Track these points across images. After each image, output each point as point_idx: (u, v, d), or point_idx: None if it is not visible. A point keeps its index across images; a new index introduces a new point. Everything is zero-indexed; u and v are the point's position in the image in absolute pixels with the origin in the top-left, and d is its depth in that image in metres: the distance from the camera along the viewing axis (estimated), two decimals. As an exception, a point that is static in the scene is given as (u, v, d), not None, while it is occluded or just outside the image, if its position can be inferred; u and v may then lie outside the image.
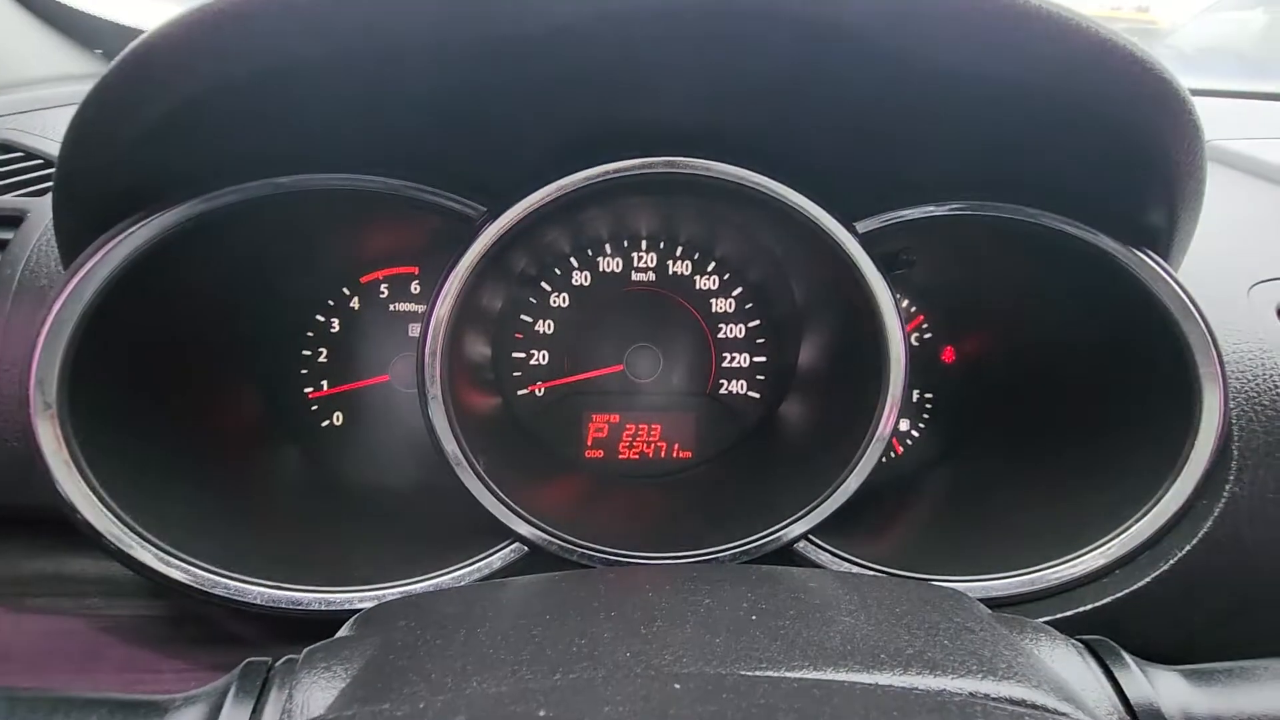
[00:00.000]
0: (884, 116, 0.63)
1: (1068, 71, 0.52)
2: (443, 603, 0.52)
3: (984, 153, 0.66)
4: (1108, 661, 0.46)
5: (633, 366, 0.93)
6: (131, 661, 0.68)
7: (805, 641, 0.41)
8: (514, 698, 0.32)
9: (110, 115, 0.51)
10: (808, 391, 0.91)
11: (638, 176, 0.66)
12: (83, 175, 0.55)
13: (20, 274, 0.70)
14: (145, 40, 0.47)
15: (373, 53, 0.52)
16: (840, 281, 0.72)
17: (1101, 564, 0.66)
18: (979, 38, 0.51)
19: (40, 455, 0.57)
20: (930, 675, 0.39)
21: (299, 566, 0.66)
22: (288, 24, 0.45)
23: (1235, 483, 0.65)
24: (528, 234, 0.69)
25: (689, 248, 0.93)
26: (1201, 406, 0.65)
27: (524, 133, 0.68)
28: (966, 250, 0.81)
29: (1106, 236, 0.67)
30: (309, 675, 0.42)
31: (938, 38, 0.52)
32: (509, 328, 0.91)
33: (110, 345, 0.62)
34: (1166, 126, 0.56)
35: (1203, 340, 0.65)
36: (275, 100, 0.55)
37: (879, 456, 0.71)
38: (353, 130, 0.62)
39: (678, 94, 0.64)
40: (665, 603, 0.46)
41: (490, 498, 0.67)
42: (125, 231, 0.58)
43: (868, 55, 0.54)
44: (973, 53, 0.52)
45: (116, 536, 0.59)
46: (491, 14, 0.50)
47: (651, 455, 0.93)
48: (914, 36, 0.52)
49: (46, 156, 0.85)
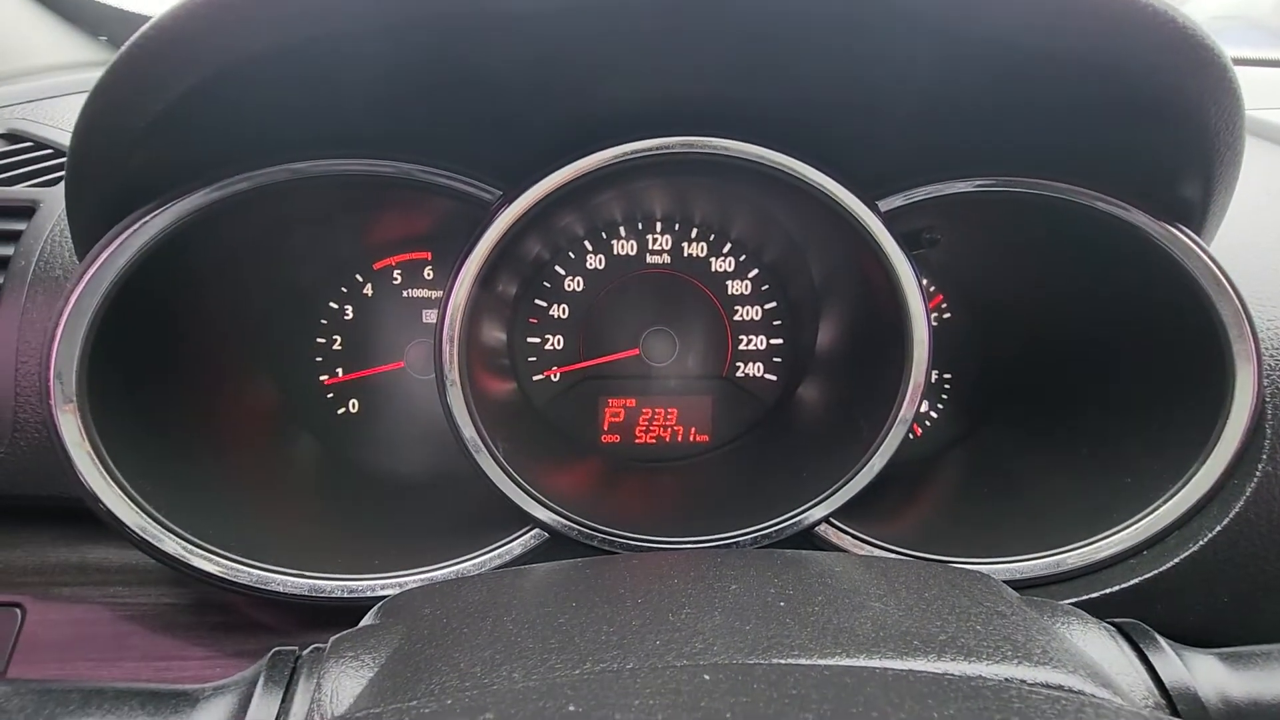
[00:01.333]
0: (909, 91, 0.61)
1: (1105, 38, 0.50)
2: (467, 590, 0.51)
3: (1013, 127, 0.64)
4: (1141, 645, 0.45)
5: (649, 350, 0.92)
6: (156, 649, 0.68)
7: (836, 628, 0.41)
8: (541, 693, 0.32)
9: (122, 103, 0.50)
10: (826, 374, 0.89)
11: (655, 157, 0.64)
12: (95, 164, 0.55)
13: (34, 265, 0.70)
14: (155, 25, 0.46)
15: (383, 32, 0.50)
16: (861, 262, 0.71)
17: (1130, 545, 0.65)
18: (1015, 5, 0.49)
19: (62, 446, 0.57)
20: (965, 661, 0.39)
21: (319, 554, 0.66)
22: (296, 4, 0.44)
23: (1269, 462, 0.64)
24: (542, 217, 0.68)
25: (704, 229, 0.91)
26: (1234, 384, 0.64)
27: (536, 114, 0.66)
28: (990, 227, 0.79)
29: (1138, 210, 0.65)
30: (337, 664, 0.42)
31: (972, 7, 0.50)
32: (524, 312, 0.90)
33: (127, 335, 0.61)
34: (1206, 94, 0.54)
35: (1236, 316, 0.63)
36: (285, 85, 0.54)
37: (900, 440, 0.70)
38: (364, 114, 0.61)
39: (693, 72, 0.62)
40: (692, 589, 0.46)
41: (510, 484, 0.67)
42: (140, 220, 0.57)
43: (896, 27, 0.52)
44: (1007, 21, 0.50)
45: (140, 526, 0.59)
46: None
47: (669, 439, 0.93)
48: (949, 6, 0.50)
49: (56, 146, 0.84)
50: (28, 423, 0.68)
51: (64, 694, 0.37)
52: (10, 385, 0.67)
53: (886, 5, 0.49)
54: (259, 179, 0.60)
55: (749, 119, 0.65)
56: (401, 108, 0.61)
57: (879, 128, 0.68)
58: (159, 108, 0.50)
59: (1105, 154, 0.64)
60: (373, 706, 0.36)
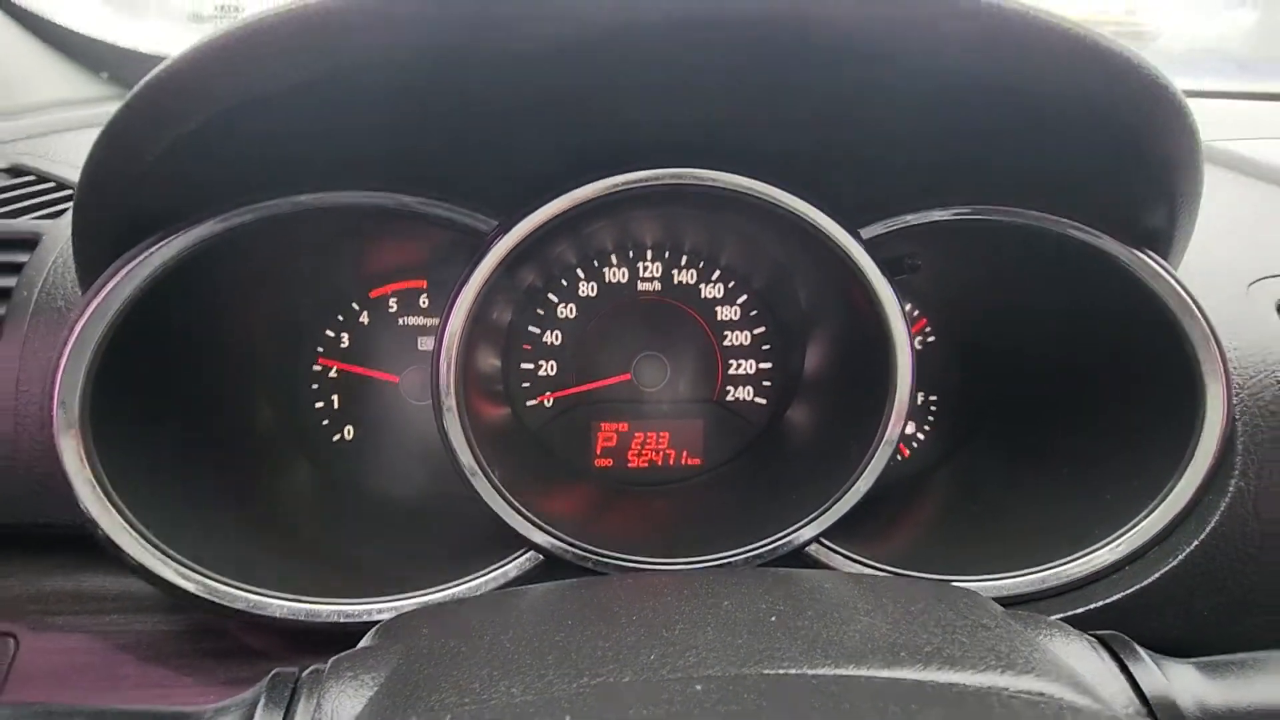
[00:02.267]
0: (885, 125, 0.65)
1: (1064, 78, 0.54)
2: (464, 611, 0.52)
3: (985, 158, 0.67)
4: (1122, 655, 0.47)
5: (640, 375, 0.94)
6: (150, 677, 0.68)
7: (825, 640, 0.42)
8: (539, 707, 0.33)
9: (133, 139, 0.52)
10: (814, 396, 0.91)
11: (646, 188, 0.67)
12: (104, 197, 0.57)
13: (36, 296, 0.71)
14: (170, 64, 0.48)
15: (386, 70, 0.53)
16: (846, 287, 0.73)
17: (1111, 560, 0.67)
18: (977, 47, 0.52)
19: (63, 473, 0.57)
20: (949, 670, 0.40)
21: (315, 579, 0.67)
22: (304, 45, 0.47)
23: (1241, 477, 0.66)
24: (537, 246, 0.70)
25: (694, 256, 0.94)
26: (1205, 402, 0.66)
27: (530, 147, 0.69)
28: (969, 253, 0.82)
29: (1107, 237, 0.68)
30: (336, 684, 0.43)
31: (936, 48, 0.53)
32: (518, 339, 0.92)
33: (128, 364, 0.62)
34: (1163, 129, 0.57)
35: (1204, 337, 0.66)
36: (290, 121, 0.56)
37: (887, 460, 0.72)
38: (365, 148, 0.63)
39: (681, 107, 0.65)
40: (685, 606, 0.47)
41: (506, 508, 0.68)
42: (146, 252, 0.59)
43: (868, 66, 0.56)
44: (972, 61, 0.54)
45: (138, 553, 0.60)
46: (497, 34, 0.51)
47: (660, 463, 0.94)
48: (912, 47, 0.54)
49: (59, 180, 0.86)
50: (26, 451, 0.68)
51: (68, 715, 0.37)
52: (10, 413, 0.68)
53: (864, 50, 0.52)
54: (263, 211, 0.62)
55: (736, 151, 0.68)
56: (400, 142, 0.64)
57: (860, 159, 0.71)
58: (168, 144, 0.52)
59: (1075, 184, 0.67)
60: None
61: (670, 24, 0.52)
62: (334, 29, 0.46)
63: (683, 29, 0.53)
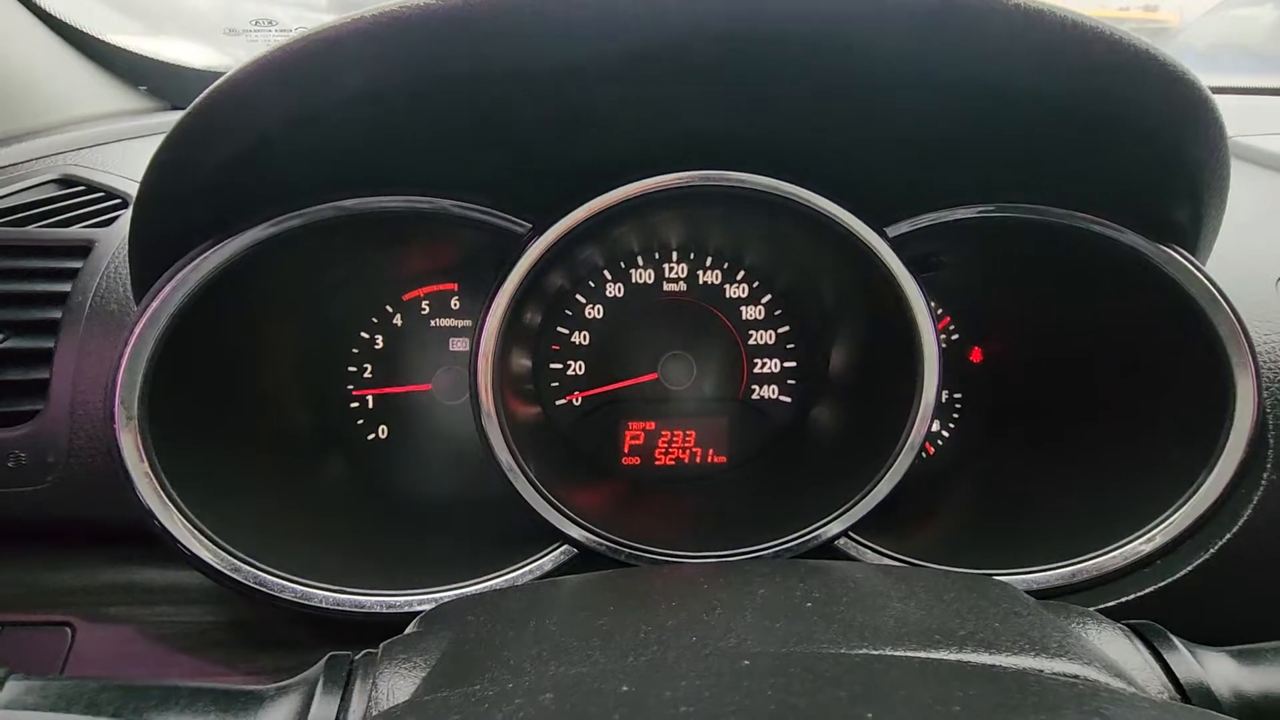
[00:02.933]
0: (911, 125, 0.66)
1: (1088, 77, 0.54)
2: (506, 599, 0.54)
3: (1011, 156, 0.68)
4: (1155, 643, 0.48)
5: (667, 374, 0.95)
6: (198, 665, 0.71)
7: (861, 625, 0.43)
8: (596, 676, 0.35)
9: (191, 151, 0.55)
10: (839, 395, 0.92)
11: (674, 190, 0.69)
12: (161, 206, 0.59)
13: (91, 300, 0.75)
14: (227, 80, 0.51)
15: (427, 86, 0.55)
16: (872, 286, 0.74)
17: (1143, 554, 0.67)
18: (1001, 46, 0.53)
19: (123, 467, 0.60)
20: (984, 652, 0.41)
21: (356, 573, 0.69)
22: (359, 58, 0.49)
23: (1273, 470, 0.66)
24: (567, 249, 0.72)
25: (718, 257, 0.95)
26: (1235, 395, 0.66)
27: (561, 152, 0.71)
28: (994, 251, 0.82)
29: (1132, 233, 0.69)
30: (390, 666, 0.45)
31: (961, 49, 0.54)
32: (547, 340, 0.94)
33: (181, 364, 0.65)
34: (1189, 125, 0.57)
35: (1233, 330, 0.66)
36: (337, 131, 0.59)
37: (913, 458, 0.72)
38: (406, 156, 0.65)
39: (710, 112, 0.67)
40: (723, 593, 0.48)
41: (543, 503, 0.70)
42: (200, 256, 0.62)
43: (894, 69, 0.57)
44: (996, 61, 0.55)
45: (192, 544, 0.62)
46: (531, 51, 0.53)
47: (687, 461, 0.95)
48: (938, 49, 0.55)
49: (108, 189, 0.89)
50: (82, 449, 0.71)
51: (144, 690, 0.40)
52: (67, 413, 0.71)
53: (889, 55, 0.54)
54: (309, 216, 0.65)
55: (762, 153, 0.70)
56: (439, 150, 0.66)
57: (886, 159, 0.72)
58: (223, 156, 0.54)
59: (1100, 181, 0.68)
60: (431, 694, 0.39)
61: (701, 39, 0.54)
62: (393, 43, 0.48)
63: (712, 43, 0.54)
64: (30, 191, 0.88)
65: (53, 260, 0.77)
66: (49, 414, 0.71)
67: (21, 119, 1.02)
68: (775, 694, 0.32)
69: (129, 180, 0.91)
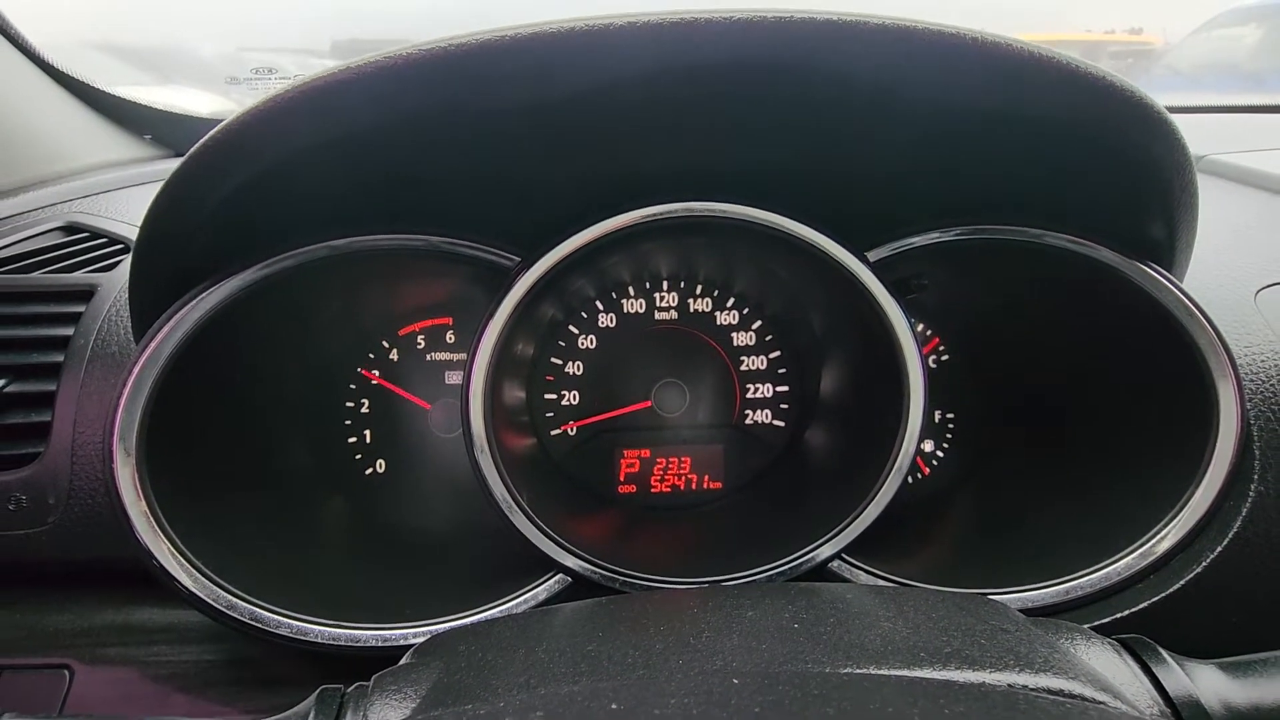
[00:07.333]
0: (888, 152, 0.68)
1: (1052, 102, 0.57)
2: (497, 628, 0.54)
3: (985, 179, 0.70)
4: (1144, 657, 0.48)
5: (660, 402, 0.96)
6: (196, 704, 0.71)
7: (847, 644, 0.44)
8: (585, 695, 0.35)
9: (189, 195, 0.57)
10: (831, 418, 0.93)
11: (661, 221, 0.70)
12: (160, 249, 0.61)
13: (92, 343, 0.76)
14: (224, 129, 0.53)
15: (415, 124, 0.58)
16: (857, 310, 0.75)
17: (1135, 570, 0.67)
18: (967, 77, 0.55)
19: (121, 505, 0.61)
20: (969, 670, 0.41)
21: (352, 607, 0.69)
22: (355, 101, 0.51)
23: (1260, 482, 0.66)
24: (557, 280, 0.73)
25: (708, 285, 0.97)
26: (1218, 408, 0.67)
27: (549, 185, 0.73)
28: (976, 272, 0.84)
29: (1106, 250, 0.70)
30: (380, 697, 0.45)
31: (931, 79, 0.56)
32: (540, 370, 0.95)
33: (180, 403, 0.66)
34: (1153, 145, 0.59)
35: (1212, 343, 0.67)
36: (327, 171, 0.61)
37: (902, 480, 0.73)
38: (396, 193, 0.67)
39: (693, 145, 0.69)
40: (710, 616, 0.49)
41: (537, 533, 0.70)
42: (197, 297, 0.63)
43: (867, 99, 0.59)
44: (963, 90, 0.57)
45: (189, 581, 0.63)
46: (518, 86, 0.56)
47: (683, 487, 0.96)
48: (908, 81, 0.57)
49: (111, 235, 0.92)
50: (82, 489, 0.72)
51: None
52: (67, 454, 0.72)
53: (866, 88, 0.56)
54: (302, 256, 0.67)
55: (745, 183, 0.72)
56: (428, 187, 0.68)
57: (864, 186, 0.74)
58: (220, 198, 0.56)
59: (1072, 201, 0.70)
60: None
61: (684, 71, 0.56)
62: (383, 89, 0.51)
63: (695, 76, 0.56)
64: (35, 239, 0.90)
65: (56, 305, 0.79)
66: (50, 456, 0.72)
67: (28, 169, 1.06)
68: (764, 712, 0.32)
69: (132, 226, 0.93)
